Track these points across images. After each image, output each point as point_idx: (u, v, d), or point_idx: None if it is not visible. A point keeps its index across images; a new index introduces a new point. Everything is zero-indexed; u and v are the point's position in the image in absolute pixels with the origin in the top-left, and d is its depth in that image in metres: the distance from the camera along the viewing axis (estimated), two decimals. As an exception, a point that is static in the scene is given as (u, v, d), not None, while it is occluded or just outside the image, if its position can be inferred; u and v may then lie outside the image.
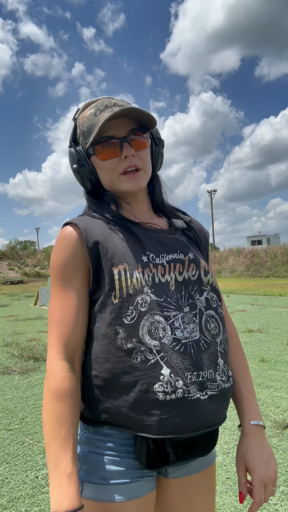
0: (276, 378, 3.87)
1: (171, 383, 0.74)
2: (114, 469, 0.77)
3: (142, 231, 0.86)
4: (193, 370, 0.76)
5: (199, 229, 1.00)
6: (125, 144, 0.83)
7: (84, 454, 0.80)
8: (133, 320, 0.77)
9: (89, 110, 0.86)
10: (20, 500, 2.01)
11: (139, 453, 0.77)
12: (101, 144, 0.84)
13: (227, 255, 29.84)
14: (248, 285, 17.14)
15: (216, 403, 0.78)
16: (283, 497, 1.95)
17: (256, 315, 8.09)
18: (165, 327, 0.77)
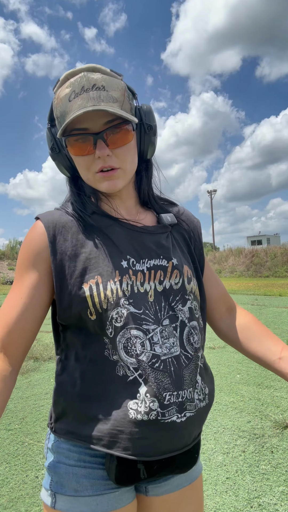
0: (276, 378, 3.86)
1: (145, 403, 0.70)
2: (86, 480, 0.73)
3: (124, 231, 0.79)
4: (173, 390, 0.71)
5: (189, 221, 0.93)
6: (99, 142, 0.72)
7: (55, 464, 0.76)
8: (111, 335, 0.72)
9: (65, 89, 0.72)
10: (20, 500, 2.01)
11: (108, 468, 0.73)
12: (73, 138, 0.73)
13: (227, 255, 29.83)
14: (248, 285, 17.14)
15: (192, 425, 0.74)
16: (283, 497, 1.95)
17: (256, 315, 8.09)
18: (144, 342, 0.72)
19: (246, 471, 2.21)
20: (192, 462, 0.80)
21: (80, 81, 0.71)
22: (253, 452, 2.42)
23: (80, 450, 0.75)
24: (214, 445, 2.54)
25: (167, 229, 0.85)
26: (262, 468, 2.23)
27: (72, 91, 0.71)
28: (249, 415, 2.97)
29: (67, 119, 0.70)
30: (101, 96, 0.70)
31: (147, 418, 0.70)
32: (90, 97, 0.70)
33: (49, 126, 0.79)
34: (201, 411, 0.77)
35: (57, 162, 0.81)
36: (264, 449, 2.45)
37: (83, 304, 0.72)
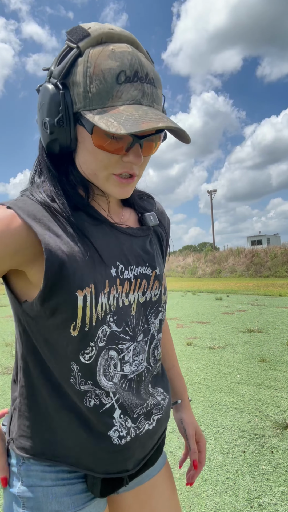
0: (276, 378, 3.87)
1: (123, 426, 0.68)
2: (67, 498, 0.68)
3: (113, 233, 0.70)
4: (142, 404, 0.72)
5: (164, 220, 0.86)
6: (137, 147, 0.62)
7: (26, 489, 0.67)
8: (91, 359, 0.64)
9: (109, 61, 0.58)
10: (20, 500, 2.01)
11: (91, 486, 0.70)
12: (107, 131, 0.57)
13: (227, 255, 29.83)
14: (248, 285, 17.14)
15: (161, 425, 0.77)
16: (283, 497, 1.95)
17: (256, 315, 8.09)
18: (116, 363, 0.68)
19: (246, 471, 2.21)
20: (160, 453, 0.83)
21: (132, 61, 0.59)
22: (253, 452, 2.42)
23: (57, 469, 0.69)
24: (214, 445, 2.54)
25: (150, 232, 0.78)
26: (262, 468, 2.23)
27: (121, 70, 0.58)
28: (249, 415, 2.98)
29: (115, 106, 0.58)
30: (154, 95, 0.61)
31: (130, 438, 0.70)
32: (145, 91, 0.60)
33: (61, 87, 0.61)
34: (167, 409, 0.80)
35: (53, 136, 0.63)
36: (264, 449, 2.45)
37: (69, 314, 0.62)
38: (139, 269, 0.72)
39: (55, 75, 0.62)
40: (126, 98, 0.58)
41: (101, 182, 0.66)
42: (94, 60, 0.58)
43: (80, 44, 0.59)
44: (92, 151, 0.63)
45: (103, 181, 0.66)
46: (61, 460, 0.68)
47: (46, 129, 0.64)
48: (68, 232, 0.63)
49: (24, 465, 0.69)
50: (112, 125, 0.56)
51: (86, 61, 0.59)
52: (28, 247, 0.61)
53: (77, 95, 0.60)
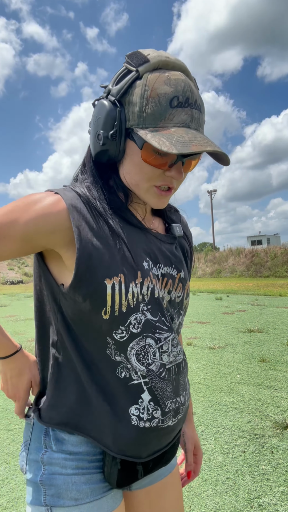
0: (276, 378, 3.87)
1: (148, 411, 0.71)
2: (86, 487, 0.72)
3: (143, 234, 0.77)
4: (173, 397, 0.75)
5: (190, 233, 0.95)
6: (179, 164, 0.69)
7: (48, 477, 0.72)
8: (122, 339, 0.70)
9: (165, 87, 0.64)
10: (20, 500, 2.01)
11: (109, 474, 0.74)
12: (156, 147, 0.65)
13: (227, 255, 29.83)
14: (248, 285, 17.13)
15: (179, 424, 0.80)
16: (283, 497, 1.95)
17: (256, 315, 8.09)
18: (155, 351, 0.72)
19: (246, 471, 2.20)
20: (175, 453, 0.85)
21: (185, 88, 0.66)
22: (253, 452, 2.42)
23: (78, 458, 0.73)
24: (214, 445, 2.54)
25: (175, 241, 0.85)
26: (262, 468, 2.23)
27: (174, 96, 0.65)
28: (249, 415, 2.97)
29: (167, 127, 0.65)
30: (200, 120, 0.68)
31: (149, 426, 0.71)
32: (194, 117, 0.67)
33: (118, 105, 0.68)
34: (186, 409, 0.83)
35: (105, 147, 0.71)
36: (264, 449, 2.45)
37: (100, 301, 0.67)
38: (166, 269, 0.78)
39: (113, 93, 0.69)
40: (177, 121, 0.65)
41: (142, 192, 0.73)
42: (151, 84, 0.65)
43: (140, 68, 0.66)
44: (138, 163, 0.70)
45: (144, 191, 0.73)
46: (82, 431, 0.73)
47: (99, 141, 0.71)
48: (101, 227, 0.70)
49: (48, 452, 0.73)
50: (164, 144, 0.62)
51: (144, 84, 0.66)
52: (65, 229, 0.67)
53: (132, 113, 0.67)
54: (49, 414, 0.75)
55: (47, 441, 0.74)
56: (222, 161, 0.71)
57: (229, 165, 0.72)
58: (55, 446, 0.73)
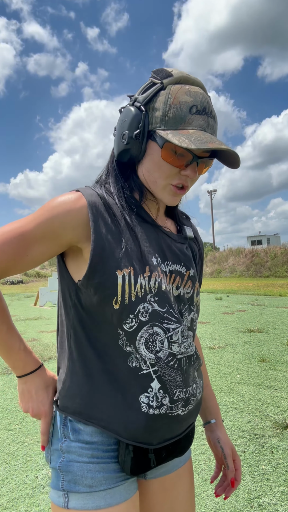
0: (276, 378, 3.87)
1: (157, 399, 0.75)
2: (100, 475, 0.76)
3: (155, 231, 0.83)
4: (182, 387, 0.78)
5: (200, 239, 1.00)
6: (194, 164, 0.76)
7: (66, 464, 0.77)
8: (132, 328, 0.74)
9: (185, 96, 0.73)
10: (20, 500, 2.01)
11: (123, 462, 0.77)
12: (174, 146, 0.74)
13: (227, 255, 29.84)
14: (248, 285, 17.13)
15: (191, 416, 0.82)
16: (283, 497, 1.95)
17: (256, 315, 8.09)
18: (163, 340, 0.76)
19: (246, 471, 2.20)
20: (189, 444, 0.88)
21: (203, 100, 0.75)
22: (253, 452, 2.42)
23: (93, 447, 0.77)
24: (214, 445, 2.54)
25: (187, 241, 0.91)
26: (262, 468, 2.23)
27: (193, 105, 0.73)
28: (249, 415, 2.97)
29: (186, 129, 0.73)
30: (214, 128, 0.77)
31: (158, 412, 0.75)
32: (209, 124, 0.75)
33: (144, 111, 0.76)
34: (198, 402, 0.85)
35: (128, 146, 0.78)
36: (264, 449, 2.45)
37: (112, 290, 0.72)
38: (174, 266, 0.83)
39: (140, 100, 0.77)
40: (195, 125, 0.73)
41: (159, 189, 0.80)
42: (174, 94, 0.74)
43: (164, 80, 0.75)
44: (158, 162, 0.77)
45: (160, 189, 0.80)
46: (94, 422, 0.77)
47: (124, 140, 0.78)
48: (116, 223, 0.77)
49: (66, 441, 0.78)
50: (184, 141, 0.70)
51: (167, 93, 0.74)
52: (86, 224, 0.74)
53: (155, 118, 0.76)
54: (65, 404, 0.80)
55: (65, 432, 0.79)
56: (232, 164, 0.77)
57: (238, 167, 0.78)
58: (72, 436, 0.78)
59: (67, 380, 0.81)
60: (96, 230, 0.74)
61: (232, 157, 0.75)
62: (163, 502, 0.87)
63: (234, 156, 0.74)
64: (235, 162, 0.76)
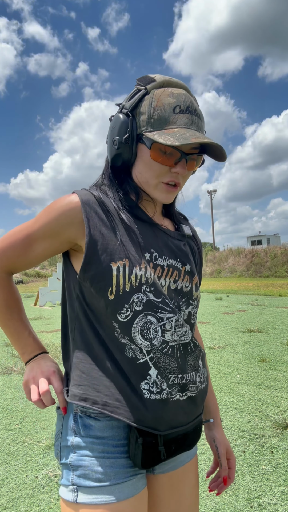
0: (276, 378, 3.87)
1: (157, 384, 0.77)
2: (109, 470, 0.78)
3: (152, 228, 0.86)
4: (178, 373, 0.80)
5: (198, 238, 1.03)
6: (183, 161, 0.79)
7: (77, 459, 0.79)
8: (126, 318, 0.77)
9: (168, 98, 0.77)
10: (20, 500, 2.01)
11: (134, 455, 0.78)
12: (162, 146, 0.77)
13: (227, 255, 29.84)
14: (248, 285, 17.13)
15: (193, 403, 0.83)
16: (283, 497, 1.95)
17: (256, 315, 8.09)
18: (157, 328, 0.79)
19: (246, 471, 2.21)
20: (197, 439, 0.89)
21: (185, 100, 0.78)
22: (253, 452, 2.42)
23: (104, 442, 0.79)
24: (214, 445, 2.54)
25: (185, 238, 0.94)
26: (262, 468, 2.23)
27: (177, 105, 0.77)
28: (249, 415, 2.97)
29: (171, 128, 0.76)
30: (199, 125, 0.80)
31: (160, 398, 0.78)
32: (194, 121, 0.78)
33: (131, 116, 0.81)
34: (202, 392, 0.86)
35: (119, 151, 0.82)
36: (264, 449, 2.45)
37: (107, 281, 0.77)
38: (171, 261, 0.85)
39: (126, 107, 0.82)
40: (180, 123, 0.76)
41: (151, 188, 0.84)
42: (158, 97, 0.78)
43: (148, 86, 0.79)
44: (148, 162, 0.81)
45: (153, 187, 0.83)
46: (101, 407, 0.79)
47: (115, 146, 0.83)
48: (111, 220, 0.81)
49: (77, 437, 0.81)
50: (168, 139, 0.73)
51: (151, 97, 0.78)
52: (80, 221, 0.79)
53: (142, 121, 0.80)
54: (73, 392, 0.83)
55: (76, 428, 0.81)
56: (220, 157, 0.81)
57: (225, 160, 0.81)
58: (83, 432, 0.80)
59: (74, 370, 0.84)
60: (90, 225, 0.79)
61: (218, 150, 0.79)
62: (170, 497, 0.88)
63: (219, 149, 0.78)
64: (222, 155, 0.79)
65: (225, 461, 0.97)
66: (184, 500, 0.90)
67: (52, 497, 2.02)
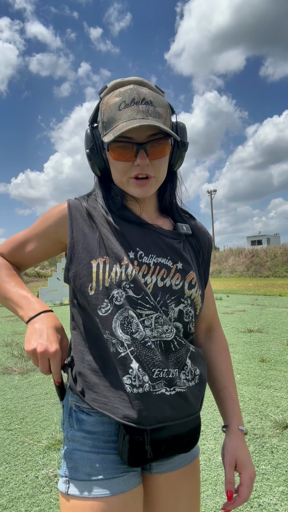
0: (276, 378, 3.87)
1: (139, 378, 0.77)
2: (99, 465, 0.79)
3: (140, 227, 0.87)
4: (162, 367, 0.79)
5: (202, 236, 0.99)
6: (141, 152, 0.79)
7: (70, 451, 0.82)
8: (107, 313, 0.79)
9: (115, 98, 0.80)
10: (20, 500, 2.01)
11: (121, 452, 0.79)
12: (117, 144, 0.79)
13: (227, 255, 29.83)
14: (248, 285, 17.14)
15: (184, 400, 0.81)
16: (283, 497, 1.95)
17: (256, 315, 8.09)
18: (138, 323, 0.79)
19: (246, 471, 2.20)
20: (193, 442, 0.87)
21: (131, 93, 0.79)
22: (253, 452, 2.42)
23: (94, 437, 0.81)
24: (214, 445, 2.54)
25: (181, 237, 0.92)
26: (262, 468, 2.23)
27: (122, 101, 0.79)
28: (249, 415, 2.97)
29: (116, 126, 0.78)
30: (149, 111, 0.78)
31: (142, 391, 0.77)
32: (139, 110, 0.78)
33: (91, 128, 0.87)
34: (192, 389, 0.84)
35: (92, 162, 0.88)
36: (264, 449, 2.45)
37: (87, 278, 0.81)
38: (159, 259, 0.85)
39: (89, 121, 0.88)
40: (124, 118, 0.77)
41: (125, 187, 0.85)
42: (105, 101, 0.81)
43: (101, 95, 0.84)
44: (113, 164, 0.84)
45: (126, 185, 0.85)
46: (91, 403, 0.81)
47: (88, 158, 0.88)
48: (97, 222, 0.85)
49: (71, 431, 0.84)
50: (109, 137, 0.77)
51: (102, 104, 0.83)
52: (66, 223, 0.87)
53: (100, 129, 0.84)
54: (71, 385, 0.86)
55: (71, 421, 0.85)
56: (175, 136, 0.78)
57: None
58: (76, 426, 0.83)
59: (74, 367, 0.86)
60: (73, 226, 0.85)
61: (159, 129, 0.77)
62: (167, 498, 0.87)
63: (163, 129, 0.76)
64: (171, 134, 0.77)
65: (230, 473, 0.84)
66: (183, 503, 0.88)
67: (52, 497, 2.02)
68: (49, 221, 0.89)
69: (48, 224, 0.90)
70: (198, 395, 0.86)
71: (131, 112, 0.77)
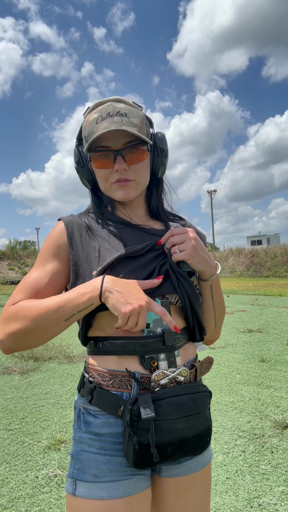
0: (276, 378, 3.87)
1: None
2: (105, 467, 0.80)
3: (133, 231, 0.92)
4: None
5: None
6: (118, 158, 0.86)
7: (77, 452, 0.83)
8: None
9: (94, 114, 0.87)
10: (20, 500, 2.01)
11: (127, 453, 0.79)
12: (97, 153, 0.87)
13: (227, 255, 29.84)
14: (248, 285, 17.14)
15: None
16: (283, 497, 1.95)
17: (256, 315, 8.09)
18: None
19: (246, 471, 2.21)
20: (204, 445, 0.85)
21: (107, 109, 0.86)
22: (253, 452, 2.42)
23: (102, 439, 0.82)
24: (214, 445, 2.54)
25: None
26: (262, 468, 2.23)
27: (99, 116, 0.85)
28: (249, 415, 2.97)
29: (92, 137, 0.84)
30: (123, 121, 0.84)
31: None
32: (114, 120, 0.84)
33: (77, 144, 0.96)
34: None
35: (80, 175, 0.95)
36: (264, 449, 2.45)
37: None
38: None
39: (76, 139, 0.96)
40: (100, 129, 0.83)
41: (110, 192, 0.91)
42: (87, 118, 0.89)
43: (84, 114, 0.92)
44: (97, 172, 0.90)
45: (110, 191, 0.91)
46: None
47: (77, 172, 0.95)
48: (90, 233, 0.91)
49: (79, 432, 0.85)
50: (87, 147, 0.85)
51: (84, 121, 0.90)
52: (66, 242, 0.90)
53: (84, 144, 0.91)
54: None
55: (79, 423, 0.86)
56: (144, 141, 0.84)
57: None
58: (83, 427, 0.84)
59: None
60: (72, 242, 0.89)
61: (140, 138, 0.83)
62: (174, 502, 0.87)
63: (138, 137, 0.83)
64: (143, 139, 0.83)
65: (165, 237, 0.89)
66: (191, 509, 0.88)
67: (52, 497, 2.02)
68: (51, 244, 0.90)
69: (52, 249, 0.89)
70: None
71: (107, 124, 0.83)
